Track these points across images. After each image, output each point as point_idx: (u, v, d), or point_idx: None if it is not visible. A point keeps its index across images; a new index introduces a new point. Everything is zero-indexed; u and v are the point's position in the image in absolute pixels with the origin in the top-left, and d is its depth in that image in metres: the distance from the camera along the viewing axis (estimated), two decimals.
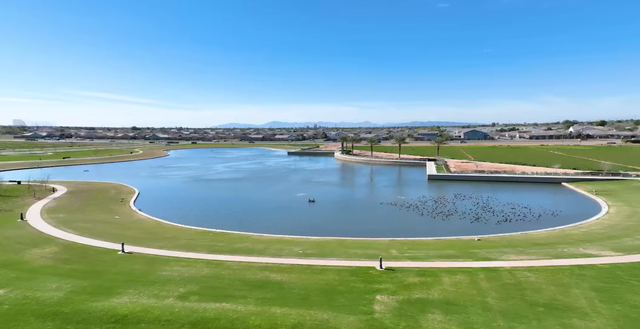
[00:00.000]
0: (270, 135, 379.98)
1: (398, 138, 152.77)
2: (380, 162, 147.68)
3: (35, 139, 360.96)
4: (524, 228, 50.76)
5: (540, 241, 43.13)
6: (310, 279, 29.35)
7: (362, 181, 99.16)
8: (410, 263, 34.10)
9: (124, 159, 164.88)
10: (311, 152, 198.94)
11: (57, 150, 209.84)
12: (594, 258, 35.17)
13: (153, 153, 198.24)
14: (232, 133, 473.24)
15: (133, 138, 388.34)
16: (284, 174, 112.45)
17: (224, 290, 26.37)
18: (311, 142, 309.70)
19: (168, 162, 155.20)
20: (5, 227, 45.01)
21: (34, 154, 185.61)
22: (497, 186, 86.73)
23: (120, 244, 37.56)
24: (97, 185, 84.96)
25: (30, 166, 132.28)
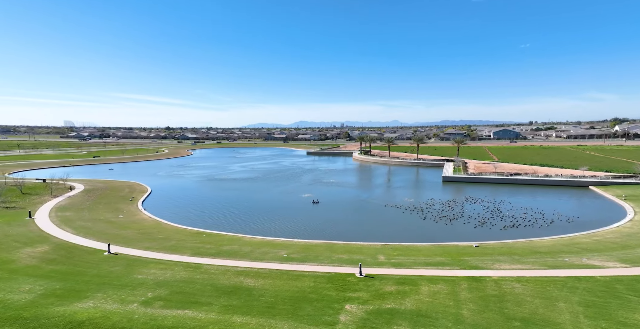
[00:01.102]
0: (294, 135, 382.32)
1: (416, 138, 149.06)
2: (397, 162, 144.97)
3: (84, 139, 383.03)
4: (531, 234, 48.06)
5: (542, 249, 40.62)
6: (284, 285, 28.82)
7: (374, 182, 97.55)
8: (392, 270, 32.97)
9: (149, 158, 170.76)
10: (330, 152, 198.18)
11: (90, 150, 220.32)
12: (594, 270, 32.68)
13: (177, 153, 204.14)
14: (257, 133, 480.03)
15: (164, 138, 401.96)
16: (297, 174, 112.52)
17: (192, 296, 26.15)
18: (333, 142, 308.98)
19: (189, 161, 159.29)
20: (12, 225, 47.39)
21: (69, 153, 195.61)
22: (515, 190, 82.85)
23: (108, 245, 38.75)
24: (114, 183, 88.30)
25: (62, 165, 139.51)
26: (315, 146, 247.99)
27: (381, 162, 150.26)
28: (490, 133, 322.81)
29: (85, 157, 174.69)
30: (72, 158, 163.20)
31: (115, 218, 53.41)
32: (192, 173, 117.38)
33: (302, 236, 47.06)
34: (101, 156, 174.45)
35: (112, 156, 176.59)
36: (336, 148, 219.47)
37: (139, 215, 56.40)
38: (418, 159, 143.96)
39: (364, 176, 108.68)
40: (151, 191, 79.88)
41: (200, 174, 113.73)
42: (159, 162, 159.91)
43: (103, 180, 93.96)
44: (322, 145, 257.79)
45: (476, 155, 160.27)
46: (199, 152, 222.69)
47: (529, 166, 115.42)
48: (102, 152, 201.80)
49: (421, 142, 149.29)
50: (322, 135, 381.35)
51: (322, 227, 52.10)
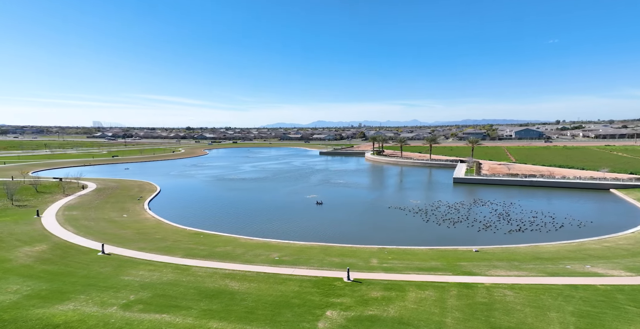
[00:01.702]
0: (309, 135, 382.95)
1: (429, 138, 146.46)
2: (409, 163, 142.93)
3: (112, 138, 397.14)
4: (537, 239, 46.24)
5: (545, 255, 38.97)
6: (268, 289, 28.45)
7: (383, 183, 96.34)
8: (382, 275, 32.23)
9: (165, 158, 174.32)
10: (343, 152, 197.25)
11: (111, 149, 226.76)
12: (596, 278, 31.06)
13: (193, 153, 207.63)
14: (273, 133, 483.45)
15: (183, 138, 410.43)
16: (306, 174, 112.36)
17: (173, 299, 26.04)
18: (347, 142, 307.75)
19: (203, 161, 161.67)
20: (19, 223, 48.88)
21: (90, 153, 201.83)
22: (529, 192, 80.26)
23: (105, 245, 39.46)
24: (126, 182, 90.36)
25: (82, 164, 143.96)
26: (329, 146, 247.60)
27: (393, 162, 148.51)
28: (512, 133, 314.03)
29: (105, 156, 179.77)
30: (92, 158, 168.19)
31: (120, 217, 54.52)
32: (203, 172, 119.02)
33: (299, 238, 46.76)
34: (119, 155, 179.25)
35: (130, 155, 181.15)
36: (349, 148, 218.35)
37: (143, 214, 57.38)
38: (431, 160, 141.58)
39: (373, 177, 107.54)
40: (160, 190, 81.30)
41: (210, 174, 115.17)
42: (174, 161, 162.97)
43: (116, 179, 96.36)
44: (337, 145, 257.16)
45: (493, 155, 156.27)
46: (215, 152, 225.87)
47: (546, 168, 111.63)
48: (121, 151, 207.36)
49: (434, 142, 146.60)
50: (337, 135, 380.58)
51: (321, 229, 51.65)
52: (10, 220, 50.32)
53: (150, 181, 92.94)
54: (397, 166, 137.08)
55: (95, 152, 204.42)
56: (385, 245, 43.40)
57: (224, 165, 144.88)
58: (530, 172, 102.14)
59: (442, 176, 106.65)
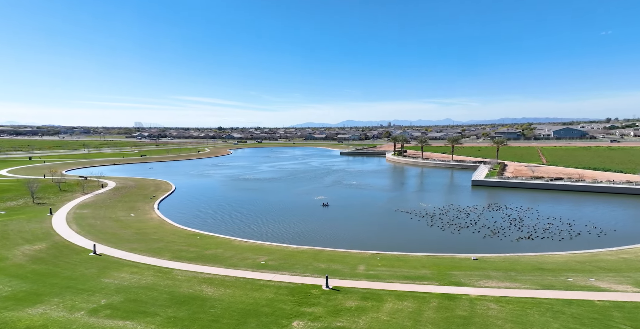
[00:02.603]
0: (333, 135, 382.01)
1: (451, 138, 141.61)
2: (430, 164, 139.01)
3: (153, 138, 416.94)
4: (546, 248, 43.28)
5: (549, 265, 36.31)
6: (242, 296, 27.84)
7: (396, 185, 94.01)
8: (364, 283, 31.06)
9: (190, 157, 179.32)
10: (364, 152, 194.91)
11: (142, 149, 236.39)
12: (596, 292, 28.51)
13: (218, 152, 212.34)
14: (299, 133, 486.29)
15: (212, 138, 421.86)
16: (321, 175, 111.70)
17: (143, 305, 25.90)
18: (372, 142, 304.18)
19: (225, 161, 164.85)
20: (31, 221, 51.23)
21: (122, 152, 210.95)
22: (553, 196, 75.75)
23: (99, 245, 40.52)
24: (144, 181, 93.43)
25: (112, 163, 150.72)
26: (351, 146, 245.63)
27: (413, 163, 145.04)
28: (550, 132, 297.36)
29: (135, 155, 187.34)
30: (123, 157, 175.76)
31: (126, 216, 56.22)
32: (221, 172, 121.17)
33: (295, 241, 46.15)
34: (148, 155, 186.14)
35: (158, 155, 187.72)
36: (371, 148, 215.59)
37: (150, 214, 58.88)
38: (452, 161, 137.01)
39: (389, 179, 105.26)
40: (174, 190, 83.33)
41: (228, 173, 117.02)
42: (197, 160, 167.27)
43: (136, 178, 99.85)
44: (360, 145, 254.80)
45: (523, 156, 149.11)
46: (239, 152, 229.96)
47: (578, 170, 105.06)
48: (151, 151, 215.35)
49: (457, 142, 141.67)
50: (362, 134, 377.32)
51: (319, 232, 50.81)
52: (24, 218, 53.10)
53: (167, 181, 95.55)
54: (417, 168, 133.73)
55: (127, 152, 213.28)
56: (380, 251, 42.05)
57: (243, 164, 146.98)
58: (558, 175, 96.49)
59: (461, 179, 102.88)
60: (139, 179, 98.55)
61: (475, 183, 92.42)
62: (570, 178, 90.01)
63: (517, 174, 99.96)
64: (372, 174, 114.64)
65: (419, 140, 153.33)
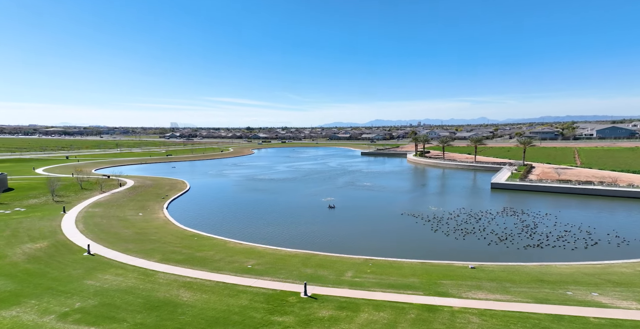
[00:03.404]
0: (358, 134, 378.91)
1: (474, 139, 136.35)
2: (452, 165, 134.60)
3: (179, 138, 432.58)
4: (555, 257, 40.40)
5: (552, 277, 33.78)
6: (216, 302, 27.35)
7: (410, 187, 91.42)
8: (345, 291, 29.97)
9: (213, 157, 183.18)
10: (385, 153, 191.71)
11: (169, 148, 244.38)
12: (594, 308, 26.16)
13: (240, 152, 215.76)
14: (324, 132, 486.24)
15: (239, 137, 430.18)
16: (335, 176, 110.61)
17: (115, 310, 25.79)
18: (396, 142, 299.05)
19: (245, 161, 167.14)
20: (43, 219, 53.44)
21: (151, 151, 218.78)
22: (580, 202, 71.42)
23: (96, 244, 41.36)
24: (162, 181, 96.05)
25: (139, 162, 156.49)
26: (372, 146, 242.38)
27: (434, 164, 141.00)
28: (593, 131, 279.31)
29: (162, 155, 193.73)
30: (150, 157, 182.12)
31: (134, 216, 57.76)
32: (238, 172, 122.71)
33: (290, 243, 45.49)
34: (173, 155, 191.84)
35: (183, 155, 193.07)
36: (393, 148, 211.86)
37: (157, 213, 60.19)
38: (475, 162, 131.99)
39: (404, 180, 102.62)
40: (187, 190, 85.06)
41: (244, 173, 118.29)
42: (220, 160, 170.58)
43: (154, 177, 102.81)
44: (383, 145, 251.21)
45: (556, 157, 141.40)
46: (262, 151, 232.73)
47: (613, 173, 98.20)
48: (177, 150, 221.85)
49: (480, 142, 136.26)
50: (387, 134, 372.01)
51: (317, 234, 49.89)
52: (39, 215, 55.67)
53: (184, 180, 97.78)
54: (438, 169, 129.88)
55: (156, 151, 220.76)
56: (375, 256, 40.72)
57: (261, 164, 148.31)
58: (589, 178, 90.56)
59: (482, 181, 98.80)
60: (157, 178, 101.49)
61: (494, 186, 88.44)
62: (602, 182, 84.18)
63: (544, 177, 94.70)
64: (389, 175, 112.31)
65: (439, 140, 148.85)
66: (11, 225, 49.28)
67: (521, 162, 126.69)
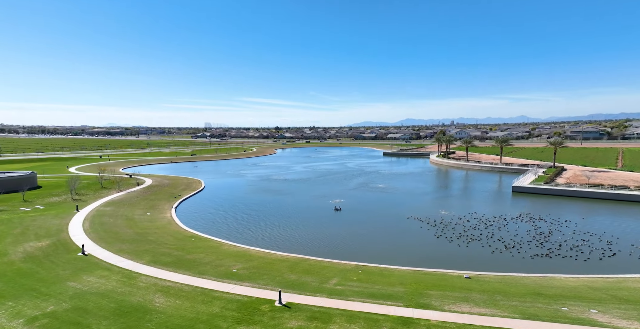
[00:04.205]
0: (383, 134, 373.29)
1: (499, 139, 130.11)
2: (475, 167, 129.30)
3: (209, 138, 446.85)
4: (564, 268, 37.39)
5: (552, 290, 31.17)
6: (188, 309, 26.91)
7: (426, 189, 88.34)
8: (322, 300, 28.85)
9: (235, 157, 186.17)
10: (408, 153, 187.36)
11: (196, 148, 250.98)
12: (586, 328, 23.74)
13: (263, 152, 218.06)
14: (350, 132, 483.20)
15: (266, 137, 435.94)
16: (350, 177, 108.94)
17: (84, 315, 25.75)
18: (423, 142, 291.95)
19: (265, 160, 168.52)
20: (56, 217, 55.48)
21: (178, 151, 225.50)
22: (612, 208, 66.66)
23: (93, 244, 42.31)
24: (179, 180, 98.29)
25: (164, 162, 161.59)
26: (395, 146, 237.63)
27: (457, 165, 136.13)
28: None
29: (187, 154, 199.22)
30: (176, 156, 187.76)
31: (142, 215, 59.14)
32: (255, 172, 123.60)
33: (284, 247, 44.63)
34: (198, 154, 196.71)
35: (206, 154, 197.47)
36: (417, 149, 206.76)
37: (165, 213, 61.37)
38: (500, 163, 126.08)
39: (421, 182, 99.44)
40: (201, 189, 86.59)
41: (260, 173, 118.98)
42: (241, 160, 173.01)
43: (173, 177, 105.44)
44: (408, 145, 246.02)
45: (595, 159, 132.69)
46: (283, 151, 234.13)
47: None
48: (201, 150, 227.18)
49: (505, 143, 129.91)
50: (414, 134, 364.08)
51: (315, 237, 48.86)
52: (53, 213, 58.19)
53: (200, 180, 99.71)
54: (461, 170, 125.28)
55: (183, 151, 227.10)
56: (368, 262, 39.29)
57: (280, 164, 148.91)
58: (627, 183, 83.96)
59: (505, 184, 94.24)
60: (175, 177, 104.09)
61: (516, 189, 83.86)
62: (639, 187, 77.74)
63: (574, 180, 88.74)
64: (406, 177, 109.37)
65: (463, 140, 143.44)
66: (24, 223, 51.78)
67: (549, 164, 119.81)
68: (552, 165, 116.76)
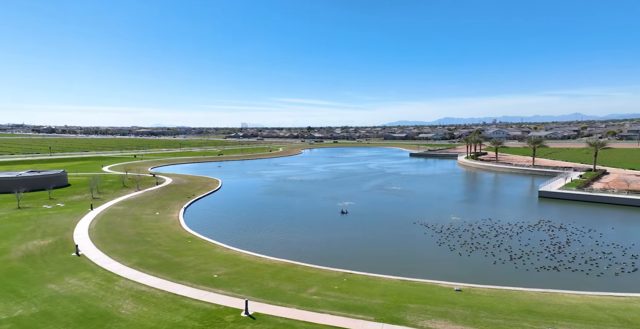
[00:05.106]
0: (414, 134, 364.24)
1: (532, 140, 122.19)
2: (505, 169, 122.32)
3: (241, 138, 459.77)
4: (571, 283, 33.87)
5: (546, 308, 28.19)
6: (151, 317, 26.55)
7: (444, 193, 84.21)
8: (291, 312, 27.57)
9: (260, 157, 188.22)
10: (435, 154, 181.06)
11: (225, 148, 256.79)
12: None
13: (289, 152, 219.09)
14: (383, 131, 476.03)
15: (295, 137, 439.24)
16: (369, 178, 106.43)
17: (47, 321, 25.81)
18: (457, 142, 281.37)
19: (288, 161, 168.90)
20: (70, 215, 57.69)
21: (207, 151, 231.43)
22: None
23: (90, 244, 43.45)
24: (198, 180, 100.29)
25: (192, 161, 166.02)
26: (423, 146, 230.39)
27: (485, 167, 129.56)
28: None
29: (215, 154, 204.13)
30: (204, 156, 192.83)
31: (150, 215, 60.43)
32: (274, 172, 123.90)
33: (277, 251, 43.45)
34: (224, 154, 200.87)
35: (233, 154, 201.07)
36: (447, 149, 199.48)
37: (173, 213, 62.34)
38: (533, 166, 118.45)
39: (441, 185, 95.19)
40: (216, 189, 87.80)
41: (278, 174, 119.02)
42: (265, 160, 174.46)
43: (192, 176, 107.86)
44: (439, 146, 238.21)
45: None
46: (309, 152, 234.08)
47: None
48: (228, 150, 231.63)
49: (539, 143, 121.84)
50: (447, 134, 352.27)
51: (311, 242, 47.49)
52: (69, 212, 60.85)
53: (218, 179, 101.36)
54: (489, 173, 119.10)
55: (212, 150, 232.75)
56: (357, 270, 37.55)
57: (301, 165, 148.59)
58: None
59: (534, 188, 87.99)
60: (194, 177, 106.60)
61: (542, 194, 78.16)
62: None
63: (615, 186, 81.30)
64: (427, 179, 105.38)
65: (492, 141, 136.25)
66: (39, 221, 54.52)
67: (588, 166, 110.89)
68: (592, 168, 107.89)
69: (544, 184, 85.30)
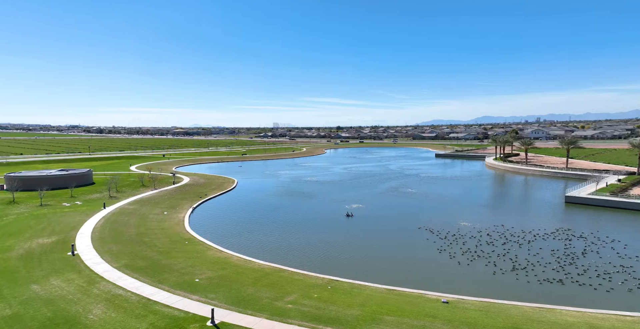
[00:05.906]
0: (445, 134, 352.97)
1: (566, 141, 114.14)
2: (535, 171, 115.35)
3: (268, 137, 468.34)
4: (575, 299, 30.76)
5: (536, 326, 25.71)
6: (117, 324, 26.34)
7: (460, 196, 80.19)
8: (258, 322, 26.59)
9: (282, 157, 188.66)
10: (462, 155, 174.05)
11: (250, 148, 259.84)
12: None
13: (311, 152, 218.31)
14: (414, 130, 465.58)
15: (322, 137, 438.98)
16: (386, 179, 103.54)
17: (13, 325, 25.98)
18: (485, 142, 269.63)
19: (308, 161, 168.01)
20: (83, 213, 59.62)
21: (232, 150, 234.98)
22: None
23: (87, 244, 44.47)
24: (214, 179, 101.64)
25: (216, 161, 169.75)
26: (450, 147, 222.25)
27: (514, 170, 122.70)
28: None
29: (239, 154, 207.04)
30: (228, 155, 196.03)
31: (158, 214, 61.42)
32: (291, 173, 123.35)
33: (270, 256, 42.72)
34: (248, 154, 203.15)
35: (256, 154, 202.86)
36: (476, 150, 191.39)
37: (180, 213, 63.06)
38: (566, 168, 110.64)
39: (460, 188, 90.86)
40: (229, 189, 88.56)
41: (295, 174, 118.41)
42: (286, 160, 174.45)
43: (210, 175, 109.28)
44: (468, 146, 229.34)
45: None
46: (333, 152, 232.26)
47: None
48: (253, 150, 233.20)
49: (573, 144, 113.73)
50: (480, 133, 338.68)
51: (307, 246, 46.31)
52: (83, 210, 63.10)
53: (234, 179, 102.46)
54: (518, 175, 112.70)
55: (237, 150, 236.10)
56: (344, 277, 36.05)
57: (321, 165, 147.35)
58: None
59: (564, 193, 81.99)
60: (212, 176, 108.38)
61: (569, 200, 72.64)
62: None
63: None
64: (447, 182, 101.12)
65: (521, 141, 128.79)
66: (53, 219, 56.80)
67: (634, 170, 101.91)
68: (636, 172, 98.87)
69: (573, 188, 79.30)
